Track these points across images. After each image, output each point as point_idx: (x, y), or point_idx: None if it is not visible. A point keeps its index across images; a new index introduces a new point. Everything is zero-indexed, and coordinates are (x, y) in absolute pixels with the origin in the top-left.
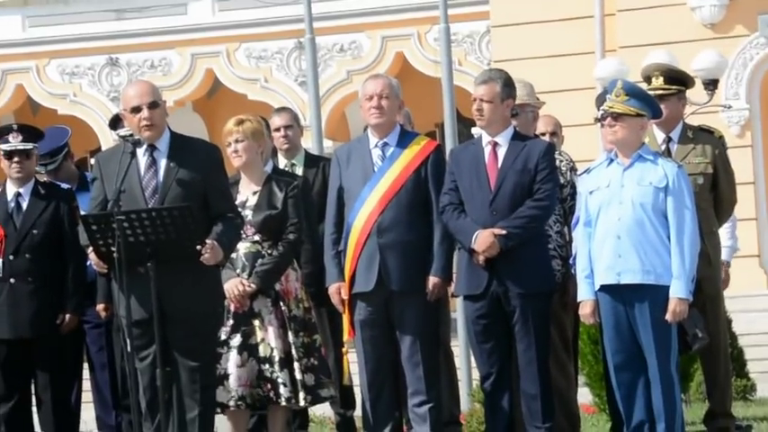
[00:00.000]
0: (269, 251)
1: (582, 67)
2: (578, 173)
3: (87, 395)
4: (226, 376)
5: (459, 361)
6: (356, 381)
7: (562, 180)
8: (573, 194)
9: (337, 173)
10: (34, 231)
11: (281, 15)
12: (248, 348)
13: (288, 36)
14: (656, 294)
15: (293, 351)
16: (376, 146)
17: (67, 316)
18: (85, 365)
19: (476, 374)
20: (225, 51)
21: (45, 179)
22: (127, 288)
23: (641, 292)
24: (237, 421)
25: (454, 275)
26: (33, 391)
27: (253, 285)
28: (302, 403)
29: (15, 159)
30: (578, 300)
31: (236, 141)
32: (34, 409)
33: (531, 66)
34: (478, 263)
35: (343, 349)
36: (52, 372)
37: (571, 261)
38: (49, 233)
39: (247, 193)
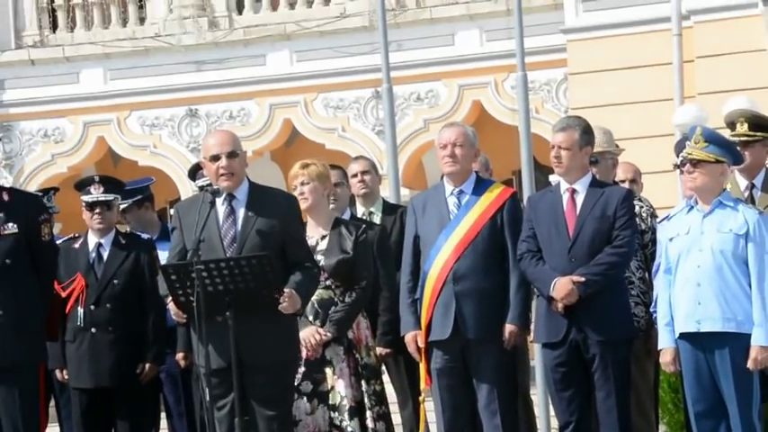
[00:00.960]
0: (341, 298)
1: (660, 114)
2: (658, 220)
3: None
4: (295, 423)
5: (538, 409)
6: (434, 430)
7: (643, 226)
8: (654, 240)
9: (413, 221)
10: (115, 281)
11: (359, 65)
12: (318, 396)
13: (365, 86)
14: (737, 342)
15: (366, 399)
16: (452, 194)
17: (147, 365)
18: (162, 414)
19: (555, 423)
20: (303, 101)
21: (126, 230)
22: (206, 337)
23: (722, 339)
24: None
25: (531, 324)
26: None
27: (328, 334)
28: None
29: (97, 210)
30: (659, 347)
31: (302, 184)
32: None
33: (609, 113)
34: (557, 310)
35: (421, 398)
36: (132, 421)
37: (652, 308)
38: (129, 283)
39: (316, 237)
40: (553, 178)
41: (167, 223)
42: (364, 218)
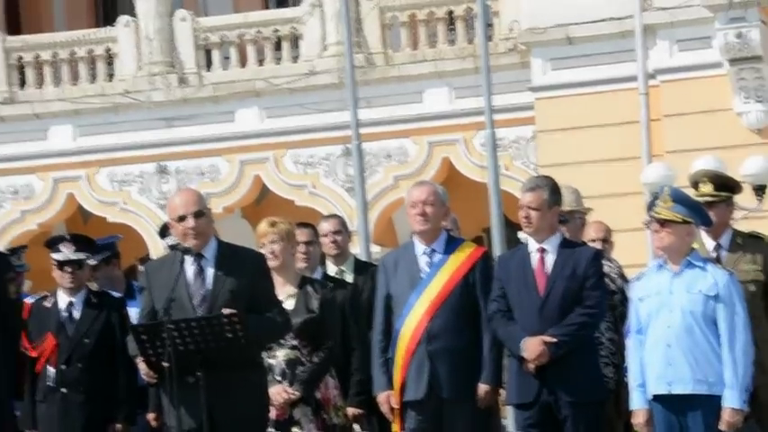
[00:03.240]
0: (308, 357)
1: (629, 173)
2: (630, 279)
3: None
4: None
5: None
6: None
7: (612, 287)
8: (623, 301)
9: (384, 280)
10: (86, 340)
11: (328, 122)
12: None
13: (335, 142)
14: (708, 404)
15: None
16: (423, 253)
17: (118, 425)
18: None
19: None
20: (272, 158)
21: (96, 288)
22: (177, 398)
23: (693, 401)
24: None
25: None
26: None
27: (296, 393)
28: None
29: (68, 269)
30: (631, 408)
31: (272, 243)
32: None
33: (578, 171)
34: (528, 371)
35: None
36: None
37: (625, 369)
38: (100, 342)
39: (283, 297)
40: (522, 235)
41: (134, 281)
42: (336, 276)
